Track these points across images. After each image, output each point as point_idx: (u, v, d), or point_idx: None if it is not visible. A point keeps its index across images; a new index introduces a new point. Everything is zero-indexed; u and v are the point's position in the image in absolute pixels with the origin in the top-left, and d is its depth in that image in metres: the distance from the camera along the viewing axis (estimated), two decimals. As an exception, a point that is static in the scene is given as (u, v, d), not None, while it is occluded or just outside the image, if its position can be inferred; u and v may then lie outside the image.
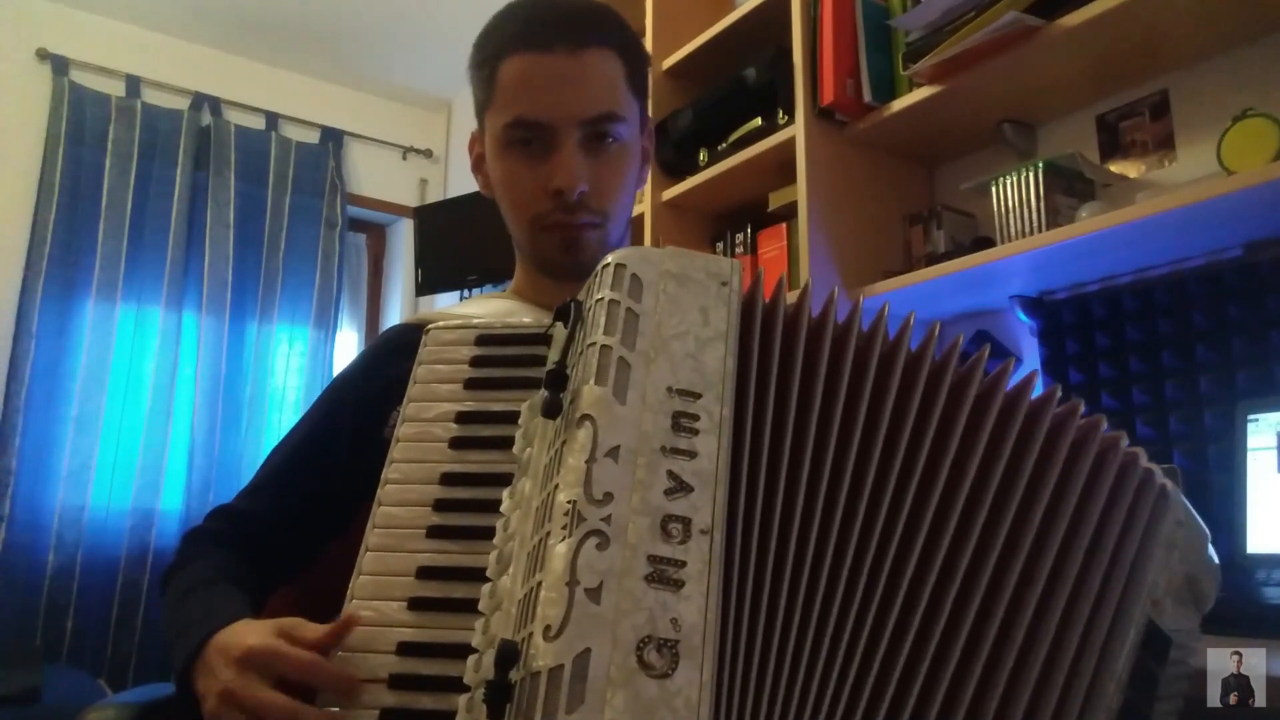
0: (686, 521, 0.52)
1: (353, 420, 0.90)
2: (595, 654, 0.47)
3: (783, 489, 0.57)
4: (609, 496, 0.52)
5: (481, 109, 0.94)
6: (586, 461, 0.53)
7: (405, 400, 0.72)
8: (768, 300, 0.61)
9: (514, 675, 0.49)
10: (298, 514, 0.90)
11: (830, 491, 0.58)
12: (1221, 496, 1.31)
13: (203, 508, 3.16)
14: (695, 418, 0.55)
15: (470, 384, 0.72)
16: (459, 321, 0.77)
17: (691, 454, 0.54)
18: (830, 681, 0.55)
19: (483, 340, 0.74)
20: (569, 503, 0.52)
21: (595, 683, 0.47)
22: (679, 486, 0.53)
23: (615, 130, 0.89)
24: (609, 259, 0.61)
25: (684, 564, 0.51)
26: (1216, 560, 0.72)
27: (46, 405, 2.97)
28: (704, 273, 0.61)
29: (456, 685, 0.56)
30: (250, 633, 0.66)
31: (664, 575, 0.51)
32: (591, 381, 0.55)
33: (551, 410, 0.57)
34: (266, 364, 3.41)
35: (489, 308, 0.98)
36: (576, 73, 0.85)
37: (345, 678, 0.60)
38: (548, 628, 0.48)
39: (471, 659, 0.56)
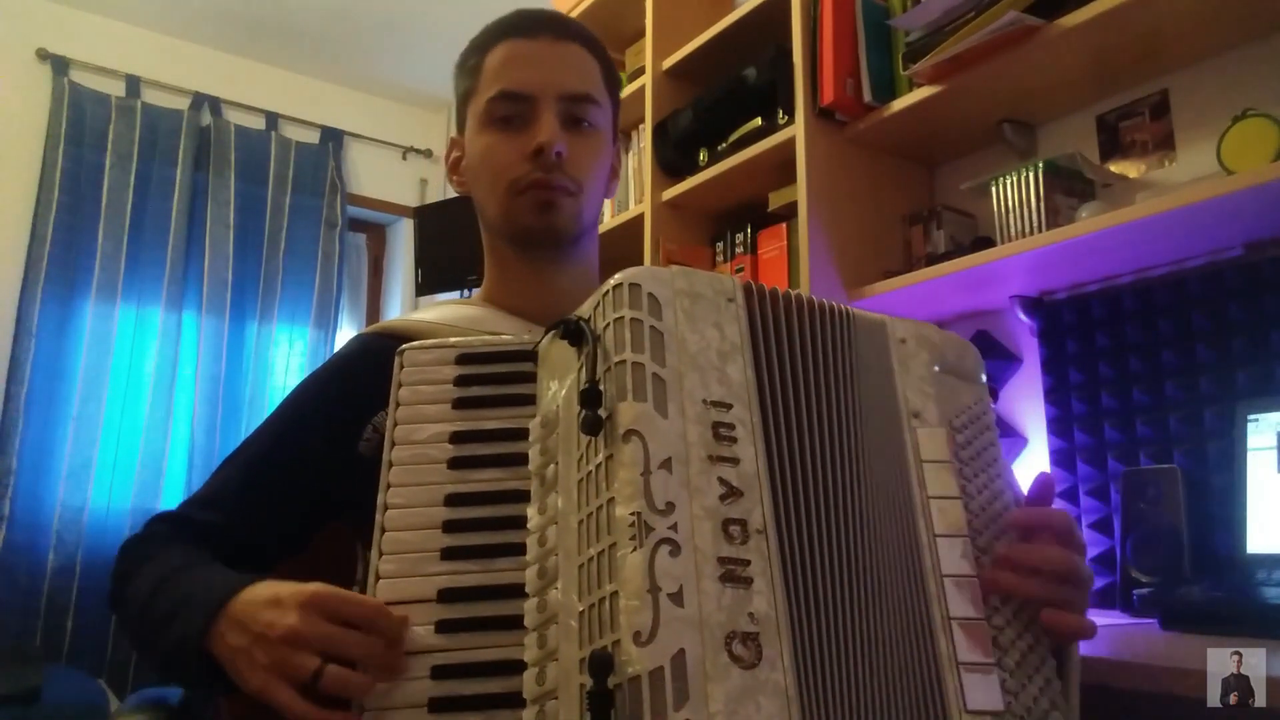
0: (743, 523, 0.57)
1: (321, 437, 0.88)
2: (689, 653, 0.51)
3: (809, 481, 0.63)
4: (671, 506, 0.55)
5: (464, 101, 0.98)
6: (641, 474, 0.55)
7: (390, 422, 0.71)
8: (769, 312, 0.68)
9: (611, 682, 0.51)
10: (255, 530, 0.86)
11: (839, 474, 0.65)
12: (1221, 496, 1.32)
13: (203, 508, 3.15)
14: (732, 426, 0.60)
15: (459, 404, 0.71)
16: (434, 341, 0.76)
17: (735, 460, 0.58)
18: (896, 639, 0.61)
19: (464, 359, 0.74)
20: (632, 514, 0.54)
21: (694, 680, 0.50)
22: (730, 491, 0.57)
23: (591, 115, 0.94)
24: (618, 278, 0.63)
25: (749, 562, 0.55)
26: (955, 334, 0.77)
27: (46, 405, 2.97)
28: (712, 290, 0.65)
29: (499, 701, 0.58)
30: (292, 584, 0.65)
31: (734, 575, 0.55)
32: (630, 398, 0.58)
33: (593, 427, 0.58)
34: (266, 364, 3.41)
35: (458, 314, 0.96)
36: (559, 55, 0.94)
37: (399, 628, 0.62)
38: (637, 634, 0.51)
39: (529, 673, 0.58)
